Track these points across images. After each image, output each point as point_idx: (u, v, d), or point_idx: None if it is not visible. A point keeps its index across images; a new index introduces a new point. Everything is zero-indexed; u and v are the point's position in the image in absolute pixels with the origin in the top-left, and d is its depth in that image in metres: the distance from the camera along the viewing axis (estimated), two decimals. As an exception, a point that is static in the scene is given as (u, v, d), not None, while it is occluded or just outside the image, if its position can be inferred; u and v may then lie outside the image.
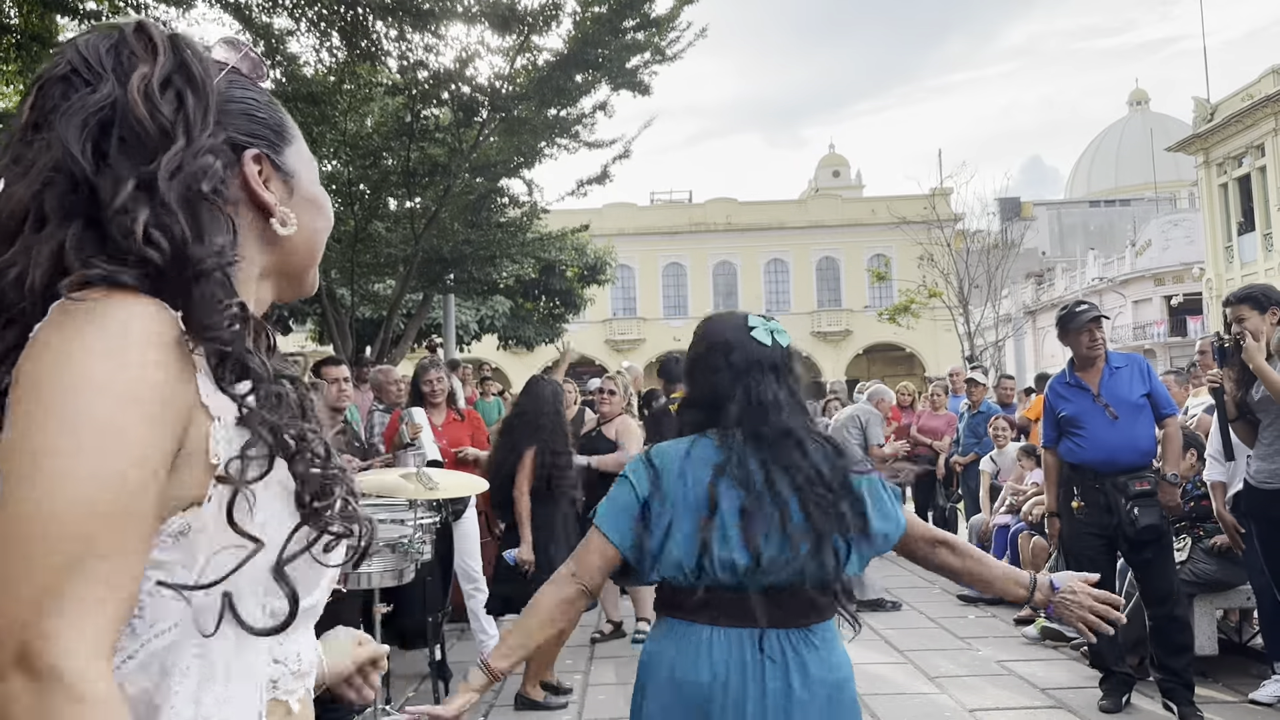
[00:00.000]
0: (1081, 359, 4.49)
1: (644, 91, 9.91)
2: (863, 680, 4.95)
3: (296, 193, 0.94)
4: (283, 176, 0.92)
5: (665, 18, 9.43)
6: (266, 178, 0.90)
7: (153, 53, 0.84)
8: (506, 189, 11.73)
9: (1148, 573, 4.38)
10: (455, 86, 9.49)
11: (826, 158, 64.79)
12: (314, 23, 8.10)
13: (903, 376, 32.51)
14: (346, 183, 10.80)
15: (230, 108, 0.89)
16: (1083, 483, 4.43)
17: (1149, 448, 4.40)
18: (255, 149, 0.89)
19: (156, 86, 0.82)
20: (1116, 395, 4.34)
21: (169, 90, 0.83)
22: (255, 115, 0.91)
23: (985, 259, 25.25)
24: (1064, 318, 4.56)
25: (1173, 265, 34.39)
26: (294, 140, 0.95)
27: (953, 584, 7.53)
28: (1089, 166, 63.68)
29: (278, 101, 0.96)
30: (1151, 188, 49.41)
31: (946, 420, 9.15)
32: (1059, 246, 48.62)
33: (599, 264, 18.82)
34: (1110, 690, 4.43)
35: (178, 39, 0.87)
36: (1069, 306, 4.62)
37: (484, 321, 17.85)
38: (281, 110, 0.96)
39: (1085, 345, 4.45)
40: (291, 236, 0.92)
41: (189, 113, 0.83)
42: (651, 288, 45.86)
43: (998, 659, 5.34)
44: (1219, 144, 29.46)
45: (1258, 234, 28.01)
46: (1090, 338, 4.44)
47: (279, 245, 0.93)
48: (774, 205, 47.54)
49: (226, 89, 0.89)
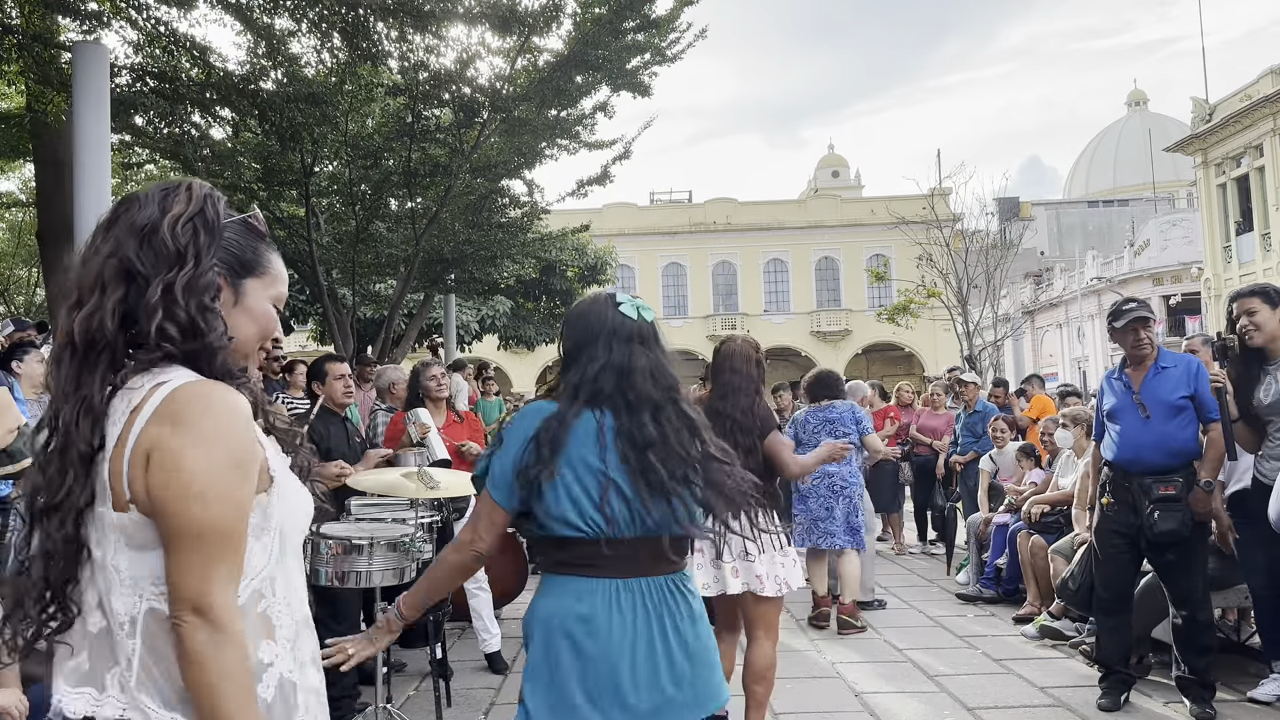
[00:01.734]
0: (1130, 357, 4.47)
1: (644, 92, 9.93)
2: (862, 679, 4.99)
3: (239, 305, 1.38)
4: (235, 291, 1.37)
5: (665, 19, 9.45)
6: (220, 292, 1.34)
7: (188, 200, 1.32)
8: (507, 189, 11.76)
9: (1169, 575, 4.37)
10: (456, 87, 9.52)
11: (826, 158, 64.84)
12: (315, 24, 8.12)
13: (902, 376, 32.54)
14: (348, 183, 10.82)
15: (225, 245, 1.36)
16: (1114, 480, 4.42)
17: (1181, 450, 4.29)
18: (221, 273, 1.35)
19: (182, 220, 1.30)
20: (1155, 395, 4.30)
21: (190, 225, 1.30)
22: (232, 250, 1.37)
23: (984, 259, 25.26)
24: (1112, 315, 4.54)
25: (1171, 265, 34.41)
26: (260, 276, 1.41)
27: (951, 583, 7.56)
28: (1087, 167, 63.70)
29: (265, 244, 1.44)
30: (1150, 188, 49.45)
31: (945, 420, 9.18)
32: (1057, 246, 48.65)
33: (599, 264, 18.86)
34: (1109, 689, 4.45)
35: (211, 196, 1.34)
36: (1118, 304, 4.58)
37: (485, 321, 17.89)
38: (261, 252, 1.42)
39: (1130, 344, 4.43)
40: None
41: (200, 244, 1.30)
42: (651, 287, 45.85)
43: (997, 657, 5.36)
44: (1217, 144, 29.49)
45: (1256, 234, 28.05)
46: (1135, 337, 4.40)
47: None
48: (773, 205, 47.56)
49: (229, 236, 1.36)
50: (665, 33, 9.61)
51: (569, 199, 11.66)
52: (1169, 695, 4.50)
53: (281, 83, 8.88)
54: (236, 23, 8.45)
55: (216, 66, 8.61)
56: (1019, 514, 6.52)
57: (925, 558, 8.96)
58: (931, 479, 9.09)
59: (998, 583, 6.81)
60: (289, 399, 5.66)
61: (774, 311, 46.10)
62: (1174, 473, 4.25)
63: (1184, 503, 4.22)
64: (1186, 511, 4.21)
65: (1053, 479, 6.56)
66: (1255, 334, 4.18)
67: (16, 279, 21.15)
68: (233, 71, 8.77)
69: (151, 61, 8.40)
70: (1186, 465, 4.30)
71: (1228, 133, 28.81)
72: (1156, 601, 4.59)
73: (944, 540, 8.53)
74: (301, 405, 5.23)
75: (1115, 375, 4.53)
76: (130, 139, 10.13)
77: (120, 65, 8.03)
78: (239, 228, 1.40)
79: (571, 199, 11.66)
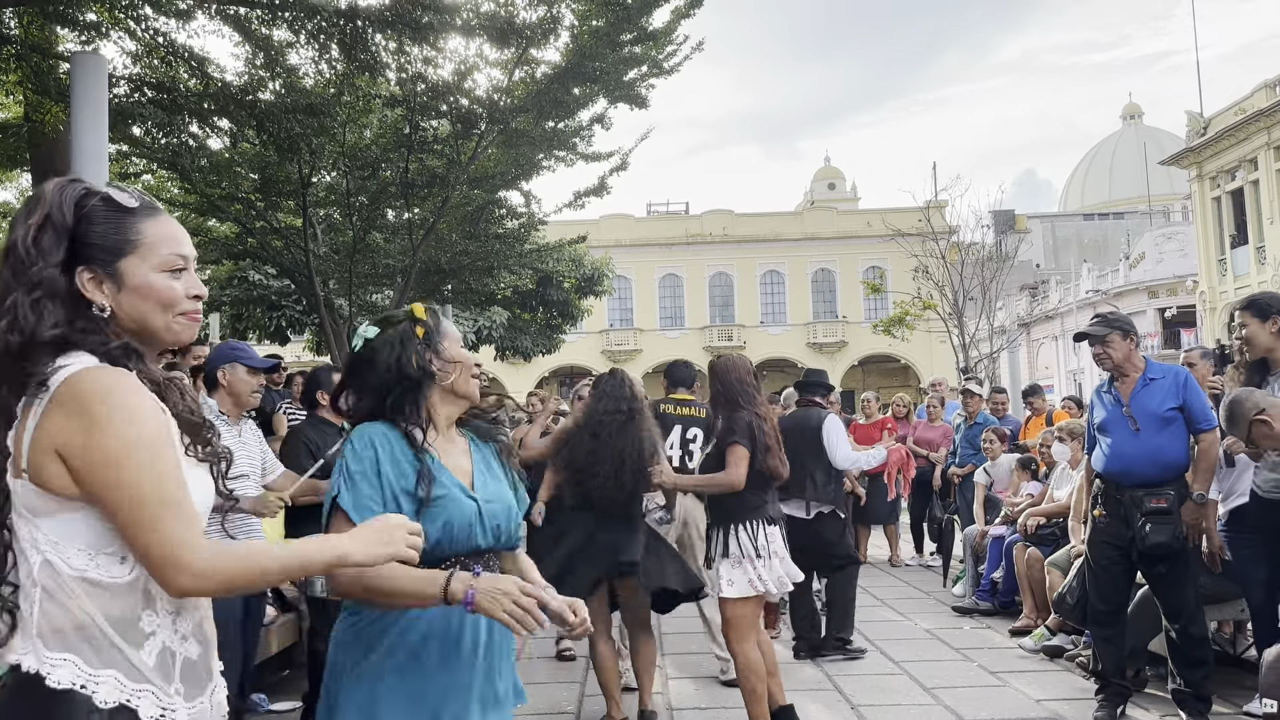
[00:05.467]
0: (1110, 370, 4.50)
1: (641, 104, 9.97)
2: (858, 691, 4.98)
3: (124, 287, 1.42)
4: (114, 279, 1.41)
5: (662, 31, 9.49)
6: (100, 281, 1.40)
7: (37, 208, 1.39)
8: (504, 200, 11.78)
9: (1161, 588, 4.37)
10: (454, 99, 9.55)
11: (822, 170, 65.05)
12: (313, 35, 8.14)
13: (898, 388, 32.54)
14: (345, 193, 10.84)
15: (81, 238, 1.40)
16: (1105, 492, 4.42)
17: (1172, 462, 4.28)
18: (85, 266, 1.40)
19: (33, 231, 1.37)
20: (1144, 407, 4.29)
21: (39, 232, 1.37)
22: (95, 243, 1.41)
23: (980, 271, 25.32)
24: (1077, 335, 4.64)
25: (1166, 278, 34.53)
26: (134, 252, 1.43)
27: (948, 595, 7.55)
28: (1083, 180, 63.93)
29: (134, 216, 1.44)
30: (1145, 201, 49.64)
31: (943, 432, 9.17)
32: (1053, 259, 48.79)
33: (596, 275, 18.87)
34: (1105, 702, 4.44)
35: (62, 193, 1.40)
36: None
37: (481, 332, 17.86)
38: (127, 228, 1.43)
39: (1093, 357, 4.49)
40: (115, 312, 1.42)
41: (44, 247, 1.37)
42: (648, 299, 45.91)
43: (993, 670, 5.35)
44: (1212, 158, 29.65)
45: (1250, 247, 28.18)
46: (1093, 352, 4.46)
47: (114, 319, 1.42)
48: (770, 217, 47.68)
49: (86, 228, 1.40)
50: (662, 45, 9.65)
51: (566, 210, 11.69)
52: (1165, 709, 4.49)
53: (279, 93, 8.90)
54: (235, 34, 8.47)
55: (214, 77, 8.63)
56: (1015, 526, 6.51)
57: (921, 570, 8.94)
58: (929, 491, 9.08)
59: (994, 595, 6.80)
60: (291, 410, 5.66)
61: (770, 323, 46.15)
62: (1165, 485, 4.25)
63: (1175, 515, 4.21)
64: (1178, 524, 4.21)
65: (1048, 491, 6.56)
66: (1249, 348, 4.20)
67: (12, 288, 21.14)
68: (231, 82, 8.79)
69: (150, 72, 8.42)
70: (1178, 478, 4.30)
71: (1222, 146, 28.97)
72: (1152, 614, 4.58)
73: (941, 552, 8.52)
74: (300, 415, 5.23)
75: (1105, 388, 4.55)
76: (128, 149, 10.14)
77: (118, 76, 8.05)
78: (101, 213, 1.42)
79: (568, 210, 11.69)
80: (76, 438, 1.30)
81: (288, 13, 7.85)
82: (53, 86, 7.64)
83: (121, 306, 1.42)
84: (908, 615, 6.88)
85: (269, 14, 8.04)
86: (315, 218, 11.26)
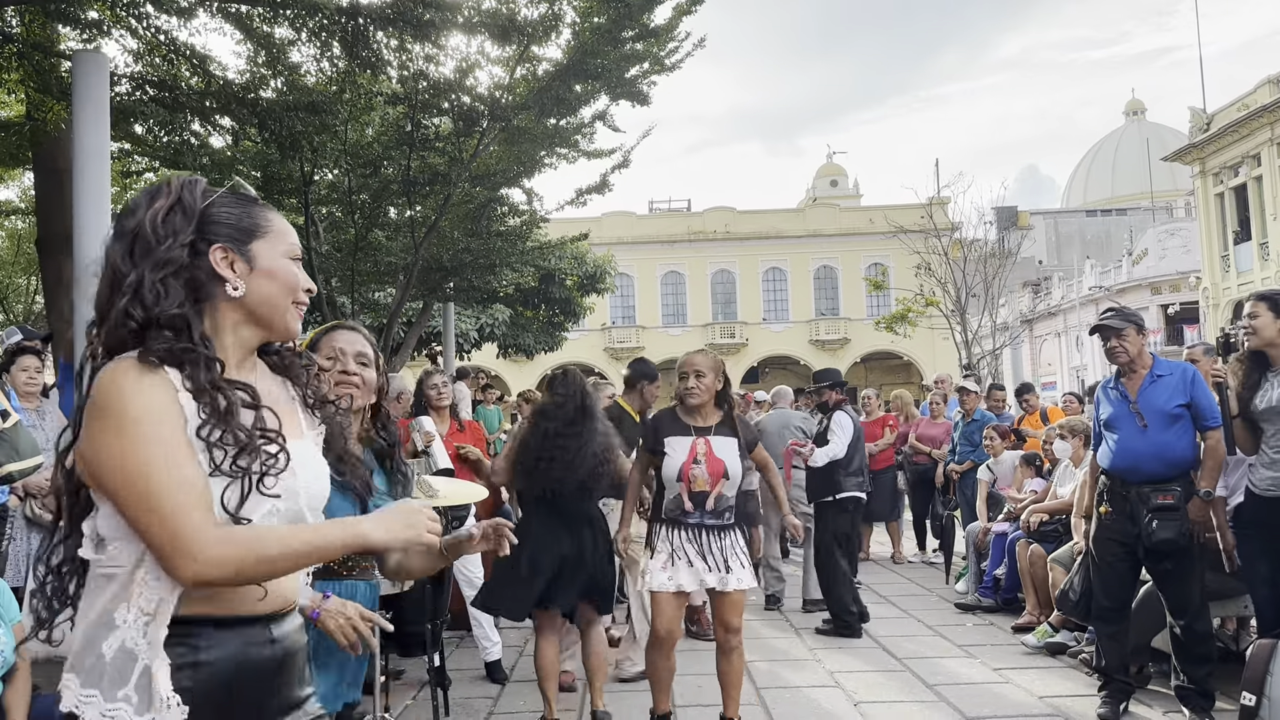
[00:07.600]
0: (1116, 366, 4.49)
1: (643, 101, 9.94)
2: (861, 688, 4.98)
3: (255, 269, 1.44)
4: (245, 259, 1.44)
5: (664, 28, 9.47)
6: (232, 261, 1.42)
7: (168, 193, 1.42)
8: (506, 198, 11.76)
9: (1167, 584, 4.37)
10: (455, 96, 9.53)
11: (824, 167, 64.97)
12: (315, 33, 8.12)
13: (900, 384, 32.51)
14: (347, 191, 10.84)
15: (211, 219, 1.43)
16: (1111, 489, 4.42)
17: (1179, 459, 4.29)
18: (220, 243, 1.42)
19: (162, 213, 1.40)
20: (1151, 404, 4.29)
21: (169, 215, 1.40)
22: (227, 223, 1.44)
23: (982, 268, 25.30)
24: (1093, 328, 4.64)
25: (1169, 274, 34.47)
26: (264, 237, 1.47)
27: (950, 592, 7.55)
28: (1085, 176, 63.79)
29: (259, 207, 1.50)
30: (1148, 197, 49.52)
31: (944, 429, 9.16)
32: (1056, 255, 48.71)
33: (598, 272, 18.84)
34: (1109, 698, 4.44)
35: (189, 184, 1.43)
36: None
37: (484, 330, 17.87)
38: (257, 215, 1.48)
39: (1105, 352, 4.48)
40: (244, 296, 1.43)
41: (175, 227, 1.39)
42: (650, 296, 45.90)
43: (995, 667, 5.35)
44: (1215, 154, 29.58)
45: (1254, 243, 28.12)
46: (1107, 345, 4.45)
47: (239, 302, 1.44)
48: (772, 214, 47.63)
49: (216, 210, 1.44)
50: (664, 42, 9.63)
51: (568, 207, 11.66)
52: (1168, 705, 4.49)
53: (281, 91, 8.89)
54: (236, 32, 8.46)
55: (216, 75, 8.63)
56: (1018, 523, 6.51)
57: (924, 567, 8.94)
58: (930, 488, 9.07)
59: (996, 592, 6.80)
60: None
61: (773, 320, 46.12)
62: (1172, 482, 4.25)
63: (1182, 512, 4.21)
64: (1184, 521, 4.21)
65: (1051, 488, 6.56)
66: (1251, 337, 4.20)
67: (16, 287, 21.14)
68: (232, 80, 8.79)
69: (151, 70, 8.41)
70: (1184, 474, 4.30)
71: (1225, 142, 28.90)
72: (1156, 611, 4.57)
73: (944, 549, 8.52)
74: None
75: (1111, 385, 4.54)
76: (130, 147, 10.14)
77: (120, 74, 8.04)
78: (229, 200, 1.46)
79: (570, 207, 11.66)
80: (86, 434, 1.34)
81: (289, 10, 7.84)
82: (55, 85, 7.64)
83: (250, 287, 1.44)
84: (910, 612, 6.89)
85: (270, 12, 8.03)
86: (317, 215, 11.26)
